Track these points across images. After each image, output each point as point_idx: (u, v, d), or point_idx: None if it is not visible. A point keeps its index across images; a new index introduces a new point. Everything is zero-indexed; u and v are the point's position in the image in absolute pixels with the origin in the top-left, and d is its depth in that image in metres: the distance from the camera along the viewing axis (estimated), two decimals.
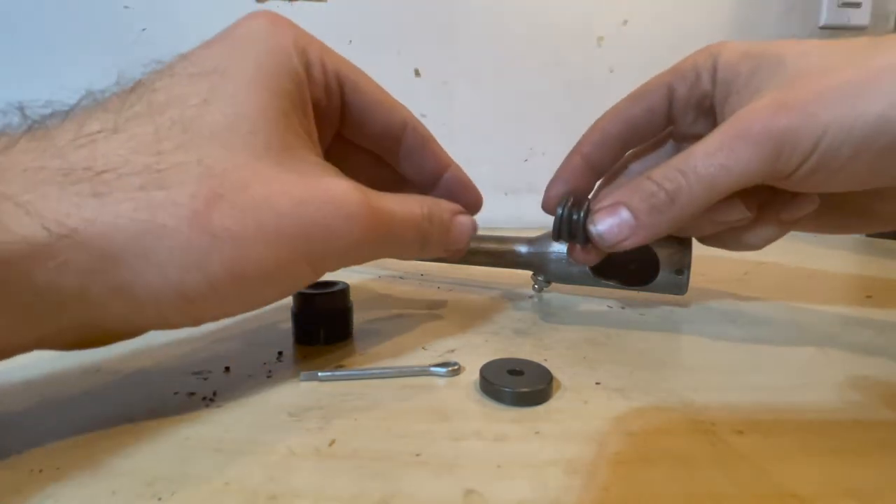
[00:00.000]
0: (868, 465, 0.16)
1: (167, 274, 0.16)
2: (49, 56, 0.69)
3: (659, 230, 0.23)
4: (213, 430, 0.18)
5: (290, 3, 0.68)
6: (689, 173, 0.22)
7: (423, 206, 0.23)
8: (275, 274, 0.18)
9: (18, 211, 0.14)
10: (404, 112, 0.25)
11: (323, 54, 0.22)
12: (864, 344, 0.27)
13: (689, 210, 0.22)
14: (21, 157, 0.15)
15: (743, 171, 0.21)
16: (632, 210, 0.23)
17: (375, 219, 0.20)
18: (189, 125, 0.17)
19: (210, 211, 0.16)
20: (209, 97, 0.18)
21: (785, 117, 0.20)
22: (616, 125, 0.29)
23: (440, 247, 0.24)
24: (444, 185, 0.27)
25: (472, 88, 0.72)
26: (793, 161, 0.21)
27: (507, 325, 0.29)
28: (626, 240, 0.24)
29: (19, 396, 0.21)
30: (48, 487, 0.15)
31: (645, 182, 0.23)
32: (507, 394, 0.20)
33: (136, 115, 0.17)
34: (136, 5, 0.68)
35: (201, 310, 0.18)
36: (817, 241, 0.55)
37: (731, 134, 0.21)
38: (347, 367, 0.23)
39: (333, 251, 0.19)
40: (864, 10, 0.71)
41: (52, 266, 0.15)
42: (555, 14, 0.71)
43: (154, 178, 0.16)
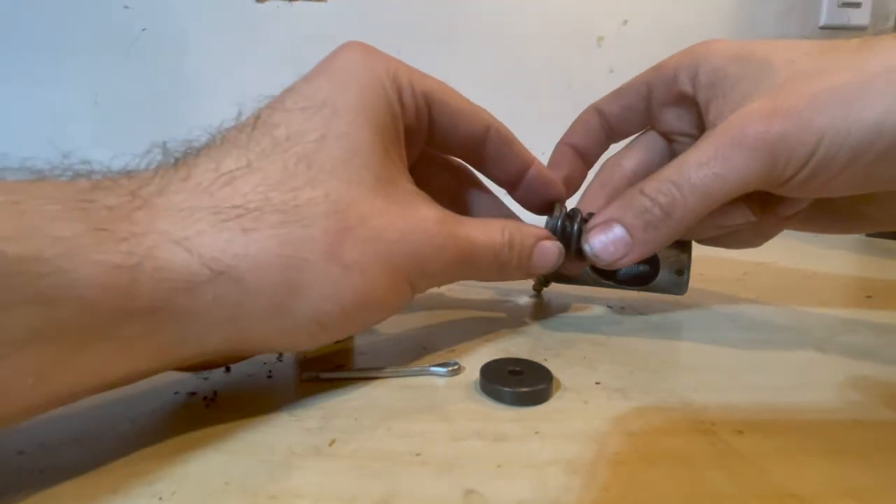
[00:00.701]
0: (868, 465, 0.16)
1: (310, 304, 0.18)
2: (49, 56, 0.69)
3: (656, 246, 0.23)
4: (213, 429, 0.18)
5: (290, 3, 0.68)
6: (684, 185, 0.22)
7: (504, 232, 0.23)
8: (389, 298, 0.20)
9: (179, 249, 0.15)
10: (487, 116, 0.25)
11: (412, 78, 0.22)
12: (864, 344, 0.27)
13: (685, 223, 0.22)
14: (174, 197, 0.16)
15: (739, 179, 0.21)
16: (626, 227, 0.23)
17: (458, 247, 0.21)
18: (312, 161, 0.18)
19: (341, 244, 0.18)
20: (325, 133, 0.19)
21: (780, 123, 0.20)
22: (597, 119, 0.29)
23: (521, 272, 0.25)
24: (527, 183, 0.27)
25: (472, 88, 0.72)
26: (789, 169, 0.21)
27: (507, 325, 0.29)
28: (623, 258, 0.23)
29: None
30: (48, 487, 0.15)
31: (638, 197, 0.23)
32: (507, 394, 0.20)
33: (263, 151, 0.18)
34: (136, 5, 0.68)
35: (330, 334, 0.19)
36: (817, 241, 0.55)
37: (725, 142, 0.21)
38: (347, 367, 0.23)
39: (427, 276, 0.21)
40: (864, 10, 0.71)
41: (209, 298, 0.16)
42: (555, 14, 0.71)
43: (291, 214, 0.17)
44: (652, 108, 0.28)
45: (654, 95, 0.28)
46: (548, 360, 0.24)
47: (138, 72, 0.70)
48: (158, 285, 0.15)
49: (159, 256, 0.15)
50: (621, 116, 0.29)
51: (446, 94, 0.24)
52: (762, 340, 0.27)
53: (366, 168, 0.19)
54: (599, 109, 0.29)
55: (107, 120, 0.70)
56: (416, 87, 0.22)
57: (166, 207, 0.16)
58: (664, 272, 0.31)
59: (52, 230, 0.14)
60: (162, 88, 0.70)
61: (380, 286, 0.19)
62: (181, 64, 0.70)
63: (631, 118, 0.29)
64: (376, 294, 0.19)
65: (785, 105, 0.20)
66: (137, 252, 0.15)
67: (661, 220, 0.22)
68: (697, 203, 0.22)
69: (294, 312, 0.17)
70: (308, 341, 0.19)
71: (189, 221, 0.16)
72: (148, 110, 0.70)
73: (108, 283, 0.14)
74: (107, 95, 0.71)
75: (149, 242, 0.15)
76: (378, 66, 0.21)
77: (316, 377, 0.22)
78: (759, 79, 0.22)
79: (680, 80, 0.26)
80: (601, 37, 0.71)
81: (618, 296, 0.35)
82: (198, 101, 0.71)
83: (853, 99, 0.19)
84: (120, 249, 0.14)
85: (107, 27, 0.69)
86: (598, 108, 0.29)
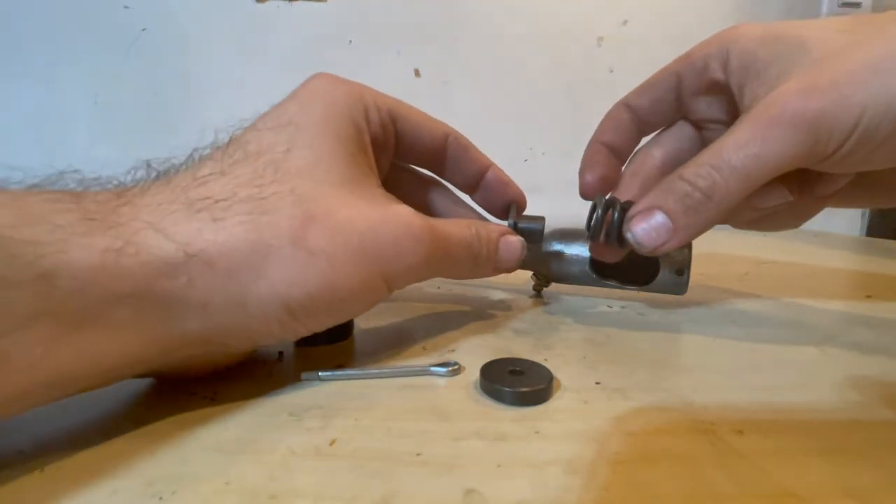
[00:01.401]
0: (868, 465, 0.16)
1: (274, 286, 0.18)
2: (49, 55, 0.69)
3: (698, 230, 0.23)
4: (213, 429, 0.18)
5: (291, 4, 0.68)
6: (724, 167, 0.21)
7: (471, 226, 0.25)
8: (359, 289, 0.21)
9: (158, 235, 0.17)
10: (445, 127, 0.28)
11: (377, 99, 0.25)
12: (864, 344, 0.27)
13: (726, 205, 0.22)
14: (154, 196, 0.18)
15: (780, 158, 0.21)
16: (667, 213, 0.23)
17: (435, 241, 0.22)
18: (280, 166, 0.20)
19: (306, 231, 0.19)
20: (290, 146, 0.21)
21: (818, 99, 0.20)
22: (627, 115, 0.29)
23: (490, 265, 0.26)
24: (486, 186, 0.29)
25: (472, 88, 0.72)
26: (831, 144, 0.20)
27: (507, 325, 0.29)
28: (666, 243, 0.23)
29: None
30: (48, 487, 0.15)
31: (678, 182, 0.23)
32: (507, 393, 0.20)
33: (236, 161, 0.20)
34: (136, 5, 0.68)
35: (301, 322, 0.20)
36: (817, 240, 0.55)
37: (763, 122, 0.21)
38: (347, 366, 0.23)
39: (403, 269, 0.22)
40: (864, 11, 0.71)
41: (184, 281, 0.17)
42: (555, 14, 0.71)
43: (258, 205, 0.19)
44: (682, 98, 0.28)
45: (683, 85, 0.27)
46: (548, 360, 0.24)
47: (138, 72, 0.70)
48: (140, 268, 0.16)
49: (140, 242, 0.17)
50: (651, 110, 0.29)
51: (408, 109, 0.26)
52: (762, 340, 0.27)
53: (330, 171, 0.21)
54: (629, 104, 0.29)
55: (107, 120, 0.70)
56: (380, 104, 0.25)
57: (147, 204, 0.18)
58: (664, 272, 0.31)
59: (49, 219, 0.16)
60: (162, 88, 0.70)
61: (348, 275, 0.20)
62: (181, 64, 0.70)
63: (661, 110, 0.29)
64: (344, 283, 0.20)
65: (823, 80, 0.20)
66: (122, 237, 0.16)
67: (703, 204, 0.22)
68: (738, 185, 0.21)
69: (260, 296, 0.18)
70: (280, 330, 0.19)
71: (166, 213, 0.18)
72: (148, 110, 0.70)
73: (97, 265, 0.16)
74: (107, 95, 0.71)
75: (131, 230, 0.17)
76: (341, 89, 0.23)
77: (316, 377, 0.22)
78: (794, 58, 0.22)
79: (711, 67, 0.26)
80: (601, 37, 0.71)
81: (618, 296, 0.35)
82: (198, 101, 0.71)
83: (892, 70, 0.19)
84: (107, 235, 0.16)
85: (107, 27, 0.69)
86: (628, 103, 0.29)
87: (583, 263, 0.32)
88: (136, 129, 0.70)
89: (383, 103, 0.25)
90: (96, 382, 0.18)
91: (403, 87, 0.73)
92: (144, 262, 0.16)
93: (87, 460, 0.16)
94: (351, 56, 0.70)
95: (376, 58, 0.71)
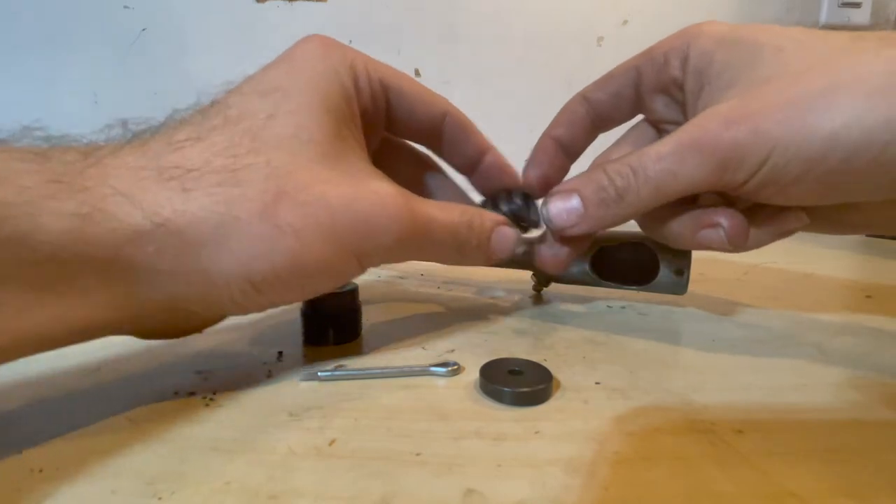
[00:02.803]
0: (868, 465, 0.16)
1: (239, 259, 0.18)
2: (49, 55, 0.69)
3: (604, 224, 0.24)
4: (213, 429, 0.18)
5: (290, 4, 0.68)
6: (640, 174, 0.22)
7: (464, 214, 0.24)
8: (328, 265, 0.20)
9: (126, 202, 0.17)
10: (444, 103, 0.26)
11: (368, 66, 0.24)
12: (863, 344, 0.27)
13: (634, 209, 0.23)
14: (126, 158, 0.18)
15: (689, 179, 0.21)
16: (583, 199, 0.24)
17: (415, 220, 0.22)
18: (258, 134, 0.20)
19: (276, 206, 0.19)
20: (274, 112, 0.20)
21: (735, 129, 0.20)
22: (584, 108, 0.28)
23: (480, 254, 0.25)
24: (484, 169, 0.28)
25: (472, 88, 0.72)
26: (739, 175, 0.21)
27: (506, 324, 0.29)
28: (573, 227, 0.24)
29: (19, 396, 0.21)
30: (48, 487, 0.15)
31: (599, 174, 0.23)
32: (507, 394, 0.20)
33: (214, 126, 0.20)
34: (136, 5, 0.68)
35: (265, 296, 0.20)
36: (817, 241, 0.55)
37: (685, 141, 0.21)
38: (347, 366, 0.23)
39: (377, 247, 0.21)
40: (864, 10, 0.72)
41: (151, 250, 0.17)
42: (555, 14, 0.71)
43: (230, 176, 0.18)
44: (641, 95, 0.27)
45: (643, 81, 0.27)
46: (548, 360, 0.24)
47: (138, 72, 0.70)
48: (108, 235, 0.16)
49: (108, 209, 0.17)
50: (609, 104, 0.28)
51: (402, 80, 0.25)
52: (762, 340, 0.27)
53: (312, 142, 0.20)
54: (587, 97, 0.28)
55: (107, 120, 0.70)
56: (371, 73, 0.23)
57: (116, 166, 0.18)
58: (664, 272, 0.31)
59: (15, 181, 0.15)
60: (162, 88, 0.70)
61: (316, 251, 0.19)
62: (181, 64, 0.70)
63: (619, 105, 0.28)
64: (311, 258, 0.19)
65: (746, 111, 0.20)
66: (89, 202, 0.16)
67: (614, 201, 0.23)
68: (649, 194, 0.22)
69: (223, 269, 0.18)
70: (244, 301, 0.19)
71: (135, 179, 0.17)
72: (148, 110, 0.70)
73: (65, 229, 0.16)
74: (107, 95, 0.71)
75: (98, 195, 0.17)
76: (333, 54, 0.22)
77: (315, 377, 0.22)
78: (743, 68, 0.22)
79: (671, 64, 0.25)
80: (601, 37, 0.71)
81: (618, 296, 0.34)
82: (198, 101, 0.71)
83: (813, 109, 0.19)
84: (74, 199, 0.16)
85: (107, 27, 0.69)
86: (586, 95, 0.28)
87: (582, 263, 0.32)
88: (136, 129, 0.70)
89: (376, 72, 0.24)
90: (68, 341, 0.18)
91: None
92: (112, 229, 0.17)
93: (87, 461, 0.16)
94: None
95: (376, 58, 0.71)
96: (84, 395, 0.21)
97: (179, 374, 0.23)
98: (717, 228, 0.23)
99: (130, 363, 0.24)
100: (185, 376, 0.22)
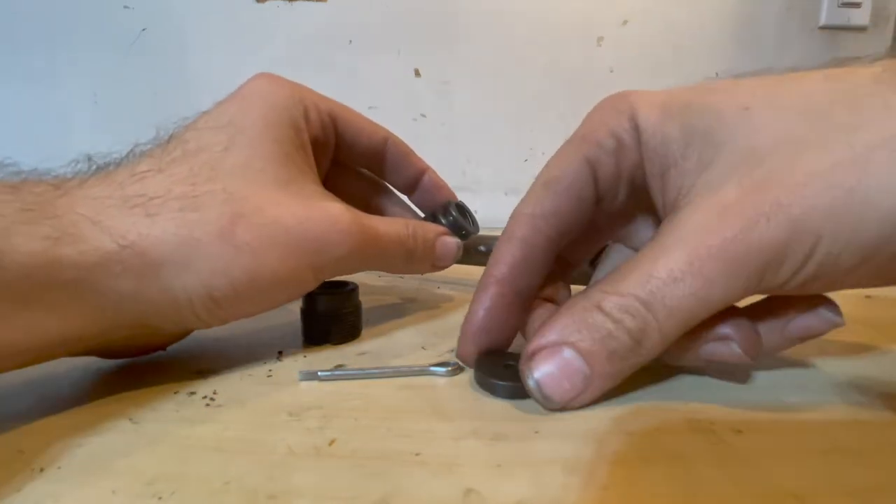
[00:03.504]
0: (868, 465, 0.16)
1: (200, 277, 0.20)
2: (49, 56, 0.69)
3: (620, 378, 0.19)
4: (213, 429, 0.18)
5: (290, 4, 0.68)
6: (657, 306, 0.17)
7: (408, 226, 0.27)
8: (285, 280, 0.22)
9: (94, 228, 0.18)
10: (384, 132, 0.30)
11: (316, 100, 0.26)
12: (863, 344, 0.27)
13: (659, 350, 0.18)
14: (91, 189, 0.19)
15: (723, 298, 0.17)
16: (582, 354, 0.18)
17: (364, 234, 0.24)
18: (215, 165, 0.21)
19: (234, 228, 0.20)
20: (229, 145, 0.22)
21: (766, 227, 0.16)
22: (540, 238, 0.22)
23: (426, 262, 0.28)
24: (423, 188, 0.32)
25: (472, 88, 0.72)
26: (780, 276, 0.17)
27: None
28: (579, 395, 0.19)
29: (19, 396, 0.21)
30: (48, 487, 0.15)
31: (597, 315, 0.18)
32: (500, 387, 0.20)
33: (174, 159, 0.21)
34: (136, 5, 0.68)
35: (226, 310, 0.21)
36: None
37: (702, 253, 0.17)
38: (347, 366, 0.23)
39: (330, 260, 0.23)
40: (864, 10, 0.71)
41: (117, 271, 0.18)
42: (555, 14, 0.71)
43: (190, 202, 0.20)
44: (602, 194, 0.22)
45: (599, 175, 0.22)
46: None
47: (138, 72, 0.70)
48: (78, 256, 0.18)
49: (77, 233, 0.18)
50: (569, 217, 0.22)
51: (348, 112, 0.28)
52: None
53: (264, 171, 0.22)
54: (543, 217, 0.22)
55: (107, 119, 0.70)
56: (320, 106, 0.26)
57: (84, 196, 0.19)
58: None
59: None
60: (162, 88, 0.70)
61: (272, 266, 0.21)
62: (181, 64, 0.70)
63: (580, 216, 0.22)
64: (267, 272, 0.21)
65: (768, 199, 0.17)
66: (60, 227, 0.18)
67: (631, 350, 0.18)
68: (676, 327, 0.18)
69: (186, 286, 0.20)
70: (206, 316, 0.21)
71: (102, 207, 0.19)
72: (148, 110, 0.70)
73: (37, 250, 0.17)
74: (107, 95, 0.71)
75: (68, 221, 0.18)
76: (281, 90, 0.24)
77: (315, 377, 0.22)
78: (715, 147, 0.18)
79: (627, 145, 0.21)
80: (601, 37, 0.71)
81: None
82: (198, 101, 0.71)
83: (851, 187, 0.16)
84: (46, 224, 0.17)
85: (107, 27, 0.69)
86: (541, 216, 0.22)
87: (583, 264, 0.32)
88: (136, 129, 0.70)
89: (324, 105, 0.26)
90: (40, 358, 0.19)
91: (403, 87, 0.73)
92: (81, 251, 0.18)
93: (87, 460, 0.16)
94: (351, 56, 0.70)
95: (376, 58, 0.70)
96: (84, 394, 0.21)
97: (180, 373, 0.23)
98: (726, 342, 0.19)
99: (131, 363, 0.24)
100: (185, 376, 0.22)
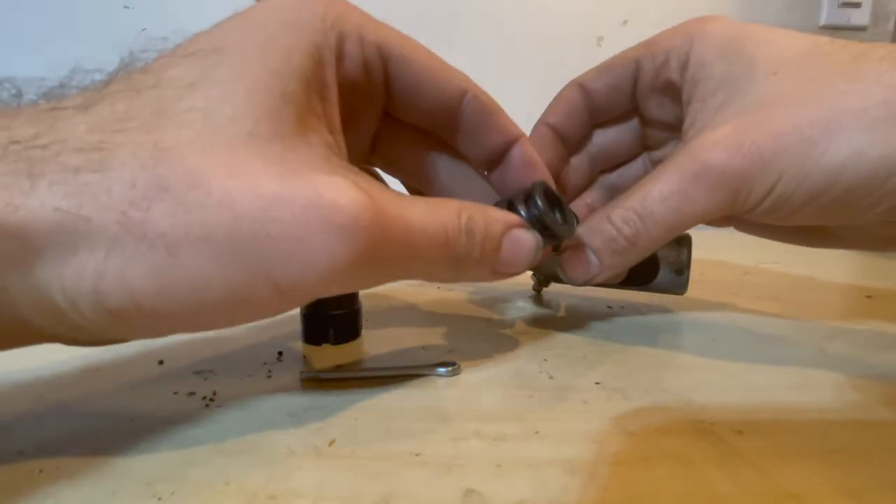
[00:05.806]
0: (868, 465, 0.16)
1: (83, 277, 0.13)
2: (49, 56, 0.69)
3: (623, 268, 0.25)
4: (213, 430, 0.18)
5: None
6: (647, 218, 0.22)
7: (461, 215, 0.18)
8: (221, 296, 0.14)
9: None
10: (461, 79, 0.21)
11: (363, 26, 0.18)
12: (864, 344, 0.27)
13: (650, 249, 0.24)
14: None
15: (701, 213, 0.22)
16: (595, 251, 0.24)
17: (383, 229, 0.15)
18: (165, 107, 0.14)
19: (148, 206, 0.13)
20: (196, 80, 0.15)
21: (740, 160, 0.20)
22: (580, 97, 0.28)
23: (485, 269, 0.19)
24: (509, 163, 0.22)
25: None
26: (748, 204, 0.21)
27: (506, 325, 0.29)
28: (595, 277, 0.24)
29: (19, 397, 0.21)
30: (48, 487, 0.15)
31: (605, 225, 0.23)
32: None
33: (111, 93, 0.15)
34: (136, 5, 0.68)
35: (127, 326, 0.15)
36: None
37: (688, 176, 0.22)
38: (347, 366, 0.23)
39: (311, 273, 0.14)
40: (864, 10, 0.71)
41: None
42: (555, 14, 0.71)
43: (95, 158, 0.13)
44: (637, 91, 0.27)
45: (641, 77, 0.26)
46: (548, 360, 0.24)
47: None
48: None
49: None
50: (606, 96, 0.27)
51: (409, 48, 0.19)
52: (762, 340, 0.27)
53: (234, 120, 0.14)
54: (584, 86, 0.28)
55: None
56: (366, 35, 0.18)
57: None
58: (664, 272, 0.31)
59: None
60: None
61: (201, 275, 0.14)
62: None
63: (617, 98, 0.27)
64: (190, 285, 0.14)
65: (749, 140, 0.20)
66: None
67: (628, 250, 0.23)
68: (661, 234, 0.23)
69: (67, 285, 0.13)
70: (103, 333, 0.15)
71: None
72: None
73: None
74: None
75: None
76: (310, 8, 0.17)
77: (316, 377, 0.22)
78: (738, 89, 0.22)
79: (670, 65, 0.25)
80: (601, 37, 0.71)
81: (618, 296, 0.34)
82: None
83: (817, 141, 0.19)
84: None
85: (107, 27, 0.69)
86: (583, 84, 0.28)
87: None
88: None
89: (374, 35, 0.18)
90: None
91: None
92: None
93: (87, 460, 0.16)
94: None
95: None
96: (84, 395, 0.21)
97: (179, 373, 0.23)
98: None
99: (131, 363, 0.24)
100: (185, 376, 0.22)
